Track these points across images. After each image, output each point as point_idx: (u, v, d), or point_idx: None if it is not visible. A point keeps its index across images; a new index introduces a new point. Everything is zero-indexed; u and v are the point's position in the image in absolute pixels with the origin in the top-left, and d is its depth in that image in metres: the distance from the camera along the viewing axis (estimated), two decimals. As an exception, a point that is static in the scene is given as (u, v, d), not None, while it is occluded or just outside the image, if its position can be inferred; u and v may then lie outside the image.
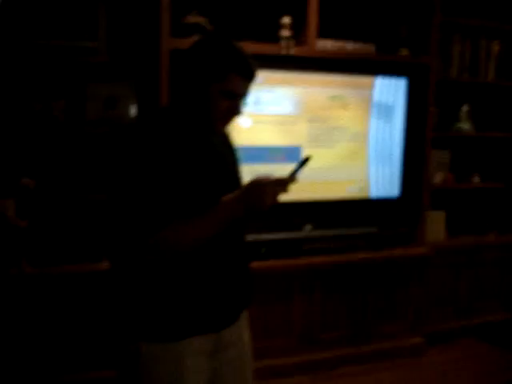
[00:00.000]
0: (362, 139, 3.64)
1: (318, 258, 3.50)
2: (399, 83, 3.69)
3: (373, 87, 3.62)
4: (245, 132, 3.26)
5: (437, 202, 4.08)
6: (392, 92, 3.67)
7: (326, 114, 3.50)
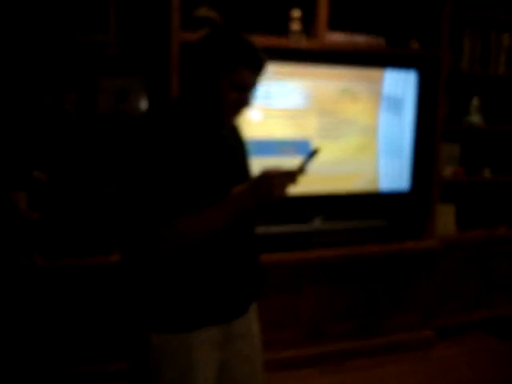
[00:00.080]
0: (371, 132, 3.63)
1: (327, 251, 3.51)
2: (409, 76, 3.67)
3: (383, 80, 3.61)
4: (254, 125, 3.27)
5: (447, 195, 4.08)
6: (402, 85, 3.66)
7: (335, 107, 3.50)
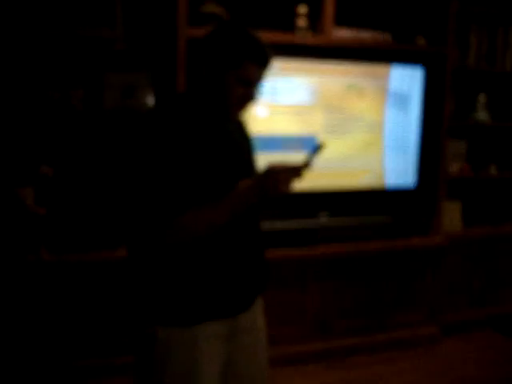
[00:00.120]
0: (377, 128, 3.63)
1: (332, 247, 3.51)
2: (415, 72, 3.67)
3: (389, 76, 3.61)
4: (261, 121, 3.27)
5: (453, 192, 4.07)
6: (408, 81, 3.65)
7: (341, 103, 3.50)
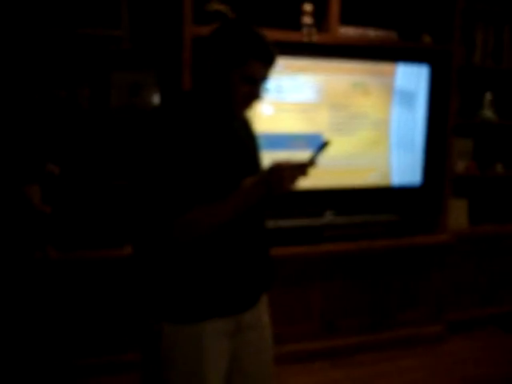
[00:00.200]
0: (383, 126, 3.63)
1: (338, 245, 3.51)
2: (421, 70, 3.66)
3: (395, 74, 3.60)
4: (266, 119, 3.27)
5: (459, 190, 4.06)
6: (414, 79, 3.65)
7: (347, 102, 3.50)
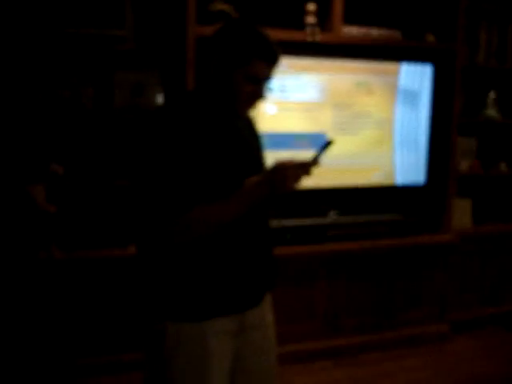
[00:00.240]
0: (387, 126, 3.63)
1: (342, 245, 3.51)
2: (425, 69, 3.66)
3: (398, 73, 3.60)
4: (270, 118, 3.28)
5: (463, 189, 4.05)
6: (418, 78, 3.65)
7: (351, 101, 3.50)
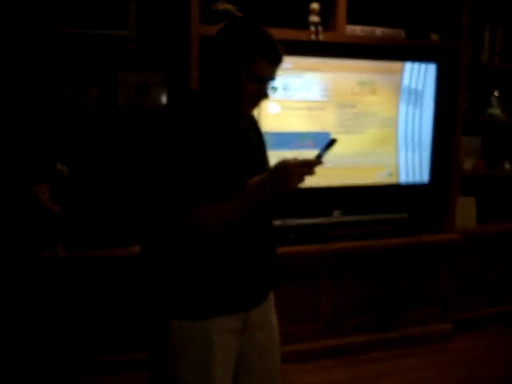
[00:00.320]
0: (391, 125, 3.62)
1: (346, 244, 3.51)
2: (429, 68, 3.65)
3: (402, 72, 3.60)
4: (273, 118, 3.27)
5: (467, 188, 4.06)
6: (422, 77, 3.64)
7: (354, 100, 3.49)
